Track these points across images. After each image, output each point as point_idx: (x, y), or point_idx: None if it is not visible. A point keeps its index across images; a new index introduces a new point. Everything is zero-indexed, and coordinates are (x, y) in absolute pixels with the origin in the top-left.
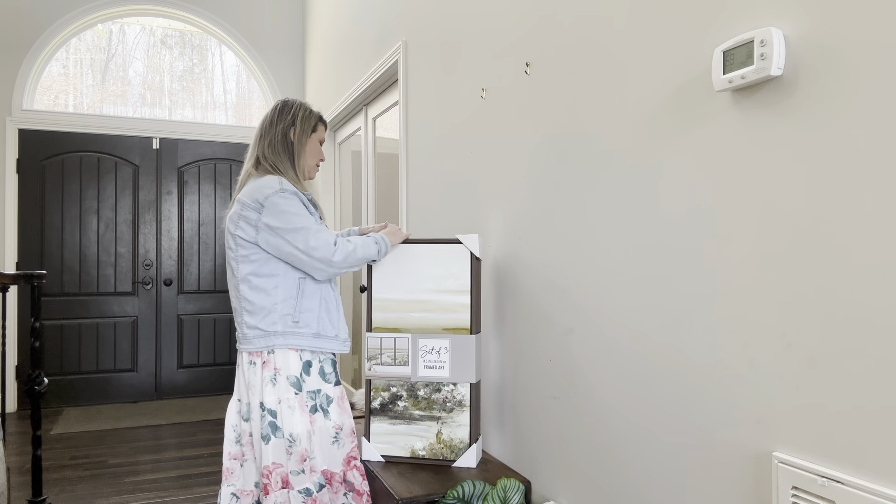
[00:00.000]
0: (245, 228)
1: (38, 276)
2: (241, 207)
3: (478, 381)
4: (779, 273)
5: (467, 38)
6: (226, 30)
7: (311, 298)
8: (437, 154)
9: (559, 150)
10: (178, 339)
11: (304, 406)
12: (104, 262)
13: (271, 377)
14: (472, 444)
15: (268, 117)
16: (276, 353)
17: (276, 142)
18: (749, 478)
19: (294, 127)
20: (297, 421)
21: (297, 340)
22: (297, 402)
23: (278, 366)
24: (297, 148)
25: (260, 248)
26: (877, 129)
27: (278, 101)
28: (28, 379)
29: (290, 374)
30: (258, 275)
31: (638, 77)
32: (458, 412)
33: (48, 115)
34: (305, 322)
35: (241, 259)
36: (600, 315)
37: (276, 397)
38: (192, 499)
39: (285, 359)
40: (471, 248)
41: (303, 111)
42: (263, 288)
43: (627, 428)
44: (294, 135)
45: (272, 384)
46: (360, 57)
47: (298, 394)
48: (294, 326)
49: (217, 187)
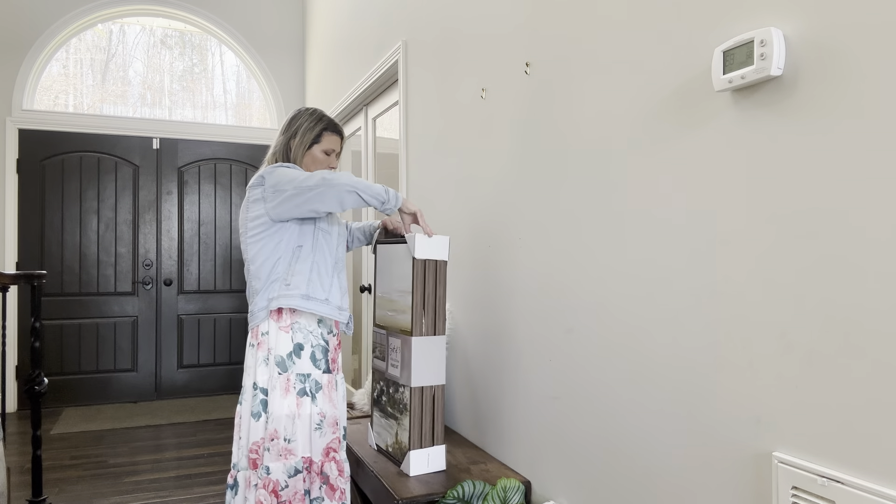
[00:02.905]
0: (254, 208)
1: (38, 276)
2: (248, 193)
3: (423, 387)
4: (778, 273)
5: (467, 38)
6: (226, 30)
7: (304, 262)
8: (437, 154)
9: (559, 150)
10: (178, 339)
11: (288, 388)
12: (104, 262)
13: (264, 357)
14: (411, 451)
15: (280, 127)
16: (269, 335)
17: (279, 151)
18: (749, 478)
19: (294, 139)
20: (277, 401)
21: (287, 301)
22: (280, 382)
23: (270, 346)
24: (296, 161)
25: (266, 226)
26: (877, 129)
27: (295, 110)
28: (28, 379)
29: (278, 353)
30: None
31: (638, 77)
32: (406, 416)
33: (48, 115)
34: (296, 284)
35: (251, 242)
36: (600, 315)
37: (267, 376)
38: (192, 499)
39: (276, 339)
40: (414, 249)
41: (307, 123)
42: (268, 262)
43: (627, 428)
44: (293, 146)
45: (265, 364)
46: (360, 57)
47: (282, 374)
48: (285, 289)
49: (217, 187)
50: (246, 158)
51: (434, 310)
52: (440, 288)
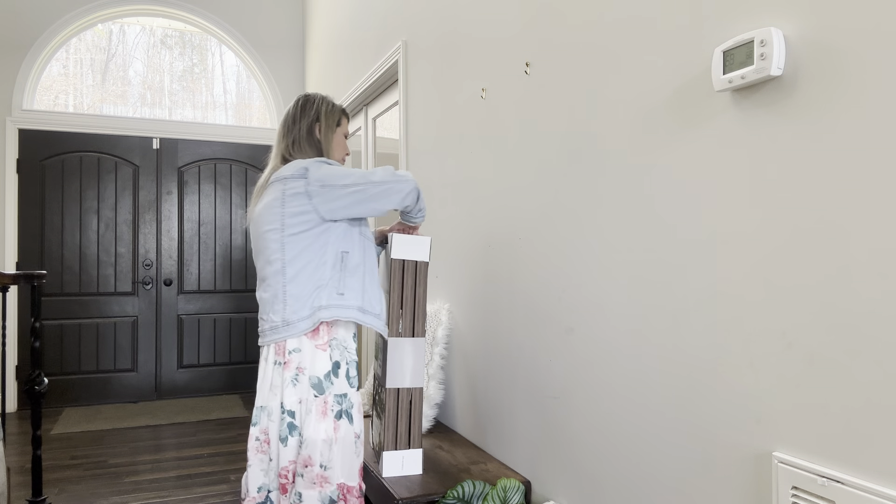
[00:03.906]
0: (293, 202)
1: (38, 276)
2: (283, 186)
3: (399, 389)
4: (779, 273)
5: (467, 38)
6: (226, 30)
7: (355, 271)
8: (436, 153)
9: (559, 150)
10: (178, 339)
11: (325, 411)
12: (104, 262)
13: (292, 377)
14: (384, 452)
15: (290, 113)
16: (301, 353)
17: (300, 138)
18: (749, 478)
19: (319, 122)
20: (312, 425)
21: (344, 312)
22: (316, 405)
23: (302, 366)
24: (325, 144)
25: (312, 224)
26: (877, 129)
27: (300, 97)
28: (28, 379)
29: (314, 374)
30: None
31: (638, 77)
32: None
33: (48, 115)
34: (350, 295)
35: (290, 240)
36: (600, 315)
37: (296, 398)
38: (191, 499)
39: (312, 358)
40: (391, 250)
41: (326, 106)
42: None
43: (627, 428)
44: (320, 131)
45: (293, 385)
46: (360, 57)
47: (318, 396)
48: (339, 299)
49: (217, 187)
50: (246, 158)
51: (413, 311)
52: (420, 289)
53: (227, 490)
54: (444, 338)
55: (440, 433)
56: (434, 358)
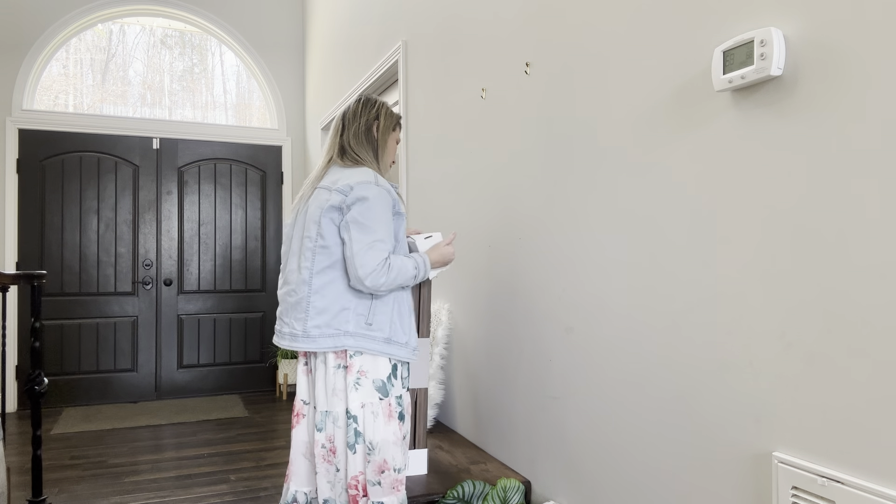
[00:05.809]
0: (332, 215)
1: (38, 276)
2: (329, 195)
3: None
4: (779, 273)
5: (467, 38)
6: (226, 30)
7: (385, 301)
8: (437, 153)
9: (559, 150)
10: (178, 339)
11: (391, 413)
12: (104, 262)
13: (354, 381)
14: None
15: (350, 108)
16: (363, 356)
17: (360, 133)
18: (749, 477)
19: (378, 121)
20: (381, 429)
21: (368, 343)
22: (382, 408)
23: (364, 368)
24: (381, 143)
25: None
26: (877, 129)
27: (361, 95)
28: (28, 379)
29: (377, 377)
30: (337, 268)
31: (637, 77)
32: None
33: (48, 115)
34: (378, 325)
35: (320, 251)
36: (600, 315)
37: (359, 402)
38: (191, 499)
39: (374, 362)
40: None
41: (385, 108)
42: (339, 283)
43: (627, 428)
44: (378, 130)
45: (355, 389)
46: (360, 57)
47: (383, 399)
48: (367, 329)
49: (217, 187)
50: (246, 158)
51: (418, 311)
52: (424, 289)
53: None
54: (444, 338)
55: (440, 433)
56: (434, 358)
